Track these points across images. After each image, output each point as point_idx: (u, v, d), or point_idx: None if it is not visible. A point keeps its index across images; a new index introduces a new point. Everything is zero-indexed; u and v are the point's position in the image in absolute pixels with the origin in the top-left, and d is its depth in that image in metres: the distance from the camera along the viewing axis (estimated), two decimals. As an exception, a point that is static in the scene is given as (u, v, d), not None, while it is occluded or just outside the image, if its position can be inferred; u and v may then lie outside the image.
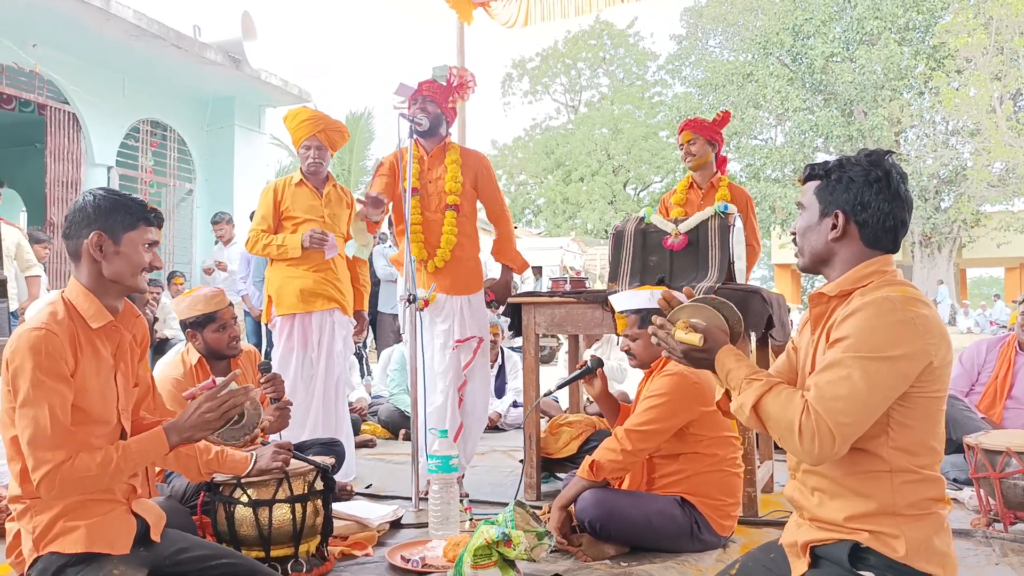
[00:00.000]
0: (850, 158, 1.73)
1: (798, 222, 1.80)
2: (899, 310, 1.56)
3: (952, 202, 23.09)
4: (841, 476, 1.64)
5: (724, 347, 1.75)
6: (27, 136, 10.35)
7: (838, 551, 1.61)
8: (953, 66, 21.35)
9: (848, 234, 1.70)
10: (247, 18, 9.83)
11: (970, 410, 3.89)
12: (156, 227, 1.98)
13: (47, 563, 1.83)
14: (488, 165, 3.74)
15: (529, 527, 2.19)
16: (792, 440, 1.57)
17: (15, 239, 5.94)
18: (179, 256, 10.22)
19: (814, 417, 1.54)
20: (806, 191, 1.78)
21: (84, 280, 1.93)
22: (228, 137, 10.61)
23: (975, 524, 3.02)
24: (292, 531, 2.46)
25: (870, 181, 1.68)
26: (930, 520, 1.61)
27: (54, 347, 1.79)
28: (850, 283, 1.68)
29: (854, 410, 1.54)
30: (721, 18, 27.50)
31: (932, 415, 1.63)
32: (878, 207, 1.68)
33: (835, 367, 1.57)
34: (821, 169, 1.75)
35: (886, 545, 1.58)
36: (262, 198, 3.95)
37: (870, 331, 1.56)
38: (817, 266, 1.77)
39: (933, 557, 1.58)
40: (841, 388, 1.54)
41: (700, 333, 1.75)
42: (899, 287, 1.62)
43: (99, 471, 1.79)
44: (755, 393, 1.64)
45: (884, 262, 1.69)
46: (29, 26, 7.91)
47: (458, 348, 3.60)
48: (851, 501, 1.62)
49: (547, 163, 33.15)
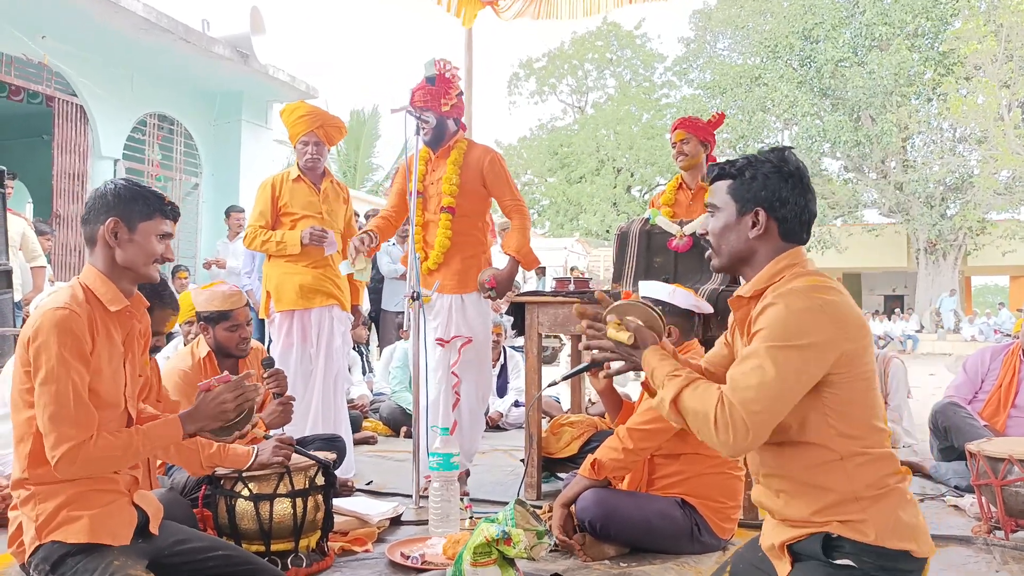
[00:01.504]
0: (757, 156, 1.75)
1: (711, 223, 1.79)
2: (808, 299, 1.60)
3: (958, 209, 23.01)
4: (797, 473, 1.66)
5: (652, 347, 1.78)
6: (35, 128, 10.38)
7: (812, 545, 1.63)
8: (962, 73, 21.29)
9: (768, 230, 1.72)
10: (256, 13, 9.85)
11: (972, 417, 3.89)
12: (172, 220, 2.01)
13: (48, 552, 1.84)
14: (495, 160, 3.66)
15: (529, 526, 2.19)
16: (709, 431, 1.59)
17: (20, 229, 5.95)
18: (184, 250, 10.23)
19: (728, 408, 1.57)
20: (716, 191, 1.78)
21: (99, 266, 1.97)
22: (235, 132, 10.63)
23: (976, 531, 3.02)
24: (292, 526, 2.46)
25: (784, 176, 1.71)
26: (892, 496, 1.63)
27: (78, 326, 1.83)
28: (764, 281, 1.70)
29: (766, 399, 1.56)
30: (730, 21, 27.43)
31: (865, 396, 1.64)
32: (795, 202, 1.71)
33: (749, 359, 1.60)
34: (732, 168, 1.76)
35: (856, 531, 1.60)
36: (259, 194, 3.94)
37: (781, 322, 1.59)
38: (736, 265, 1.78)
39: (903, 532, 1.60)
40: (752, 378, 1.57)
41: (631, 332, 1.78)
42: (810, 277, 1.65)
43: (120, 452, 1.84)
44: (675, 388, 1.66)
45: (796, 255, 1.72)
46: (38, 18, 7.93)
47: (446, 347, 3.59)
48: (813, 496, 1.64)
49: (552, 163, 33.15)
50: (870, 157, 23.95)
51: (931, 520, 3.25)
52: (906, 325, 23.26)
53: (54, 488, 1.85)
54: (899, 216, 24.45)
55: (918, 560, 1.61)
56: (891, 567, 1.59)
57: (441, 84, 3.57)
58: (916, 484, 3.90)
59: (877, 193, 24.96)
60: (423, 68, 3.60)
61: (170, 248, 2.03)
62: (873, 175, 24.98)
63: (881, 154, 23.62)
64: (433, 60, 3.60)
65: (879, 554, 1.58)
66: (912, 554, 1.60)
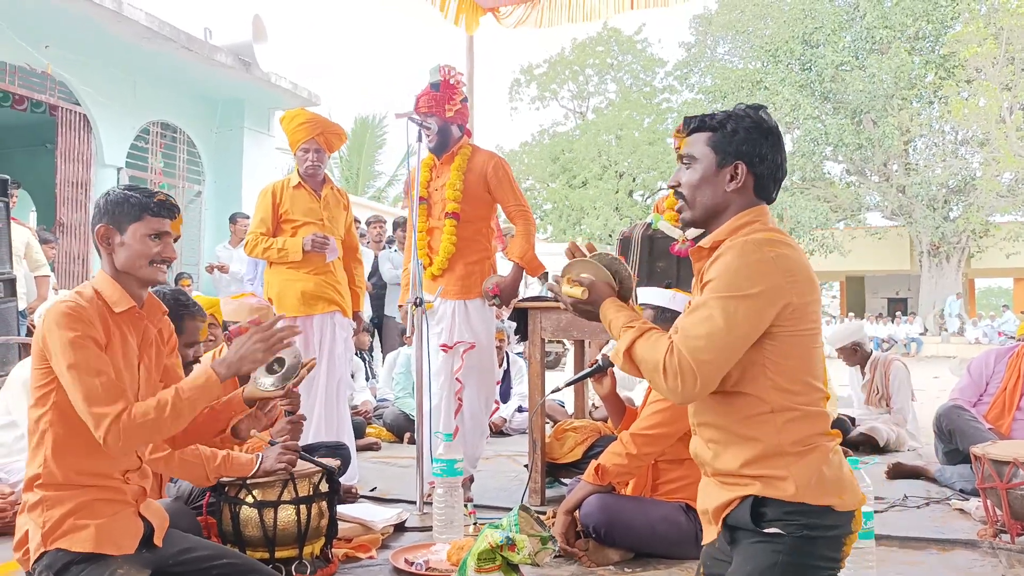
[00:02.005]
0: (735, 112, 1.75)
1: (685, 175, 1.78)
2: (759, 251, 1.61)
3: (961, 212, 23.01)
4: (729, 424, 1.68)
5: (607, 300, 1.80)
6: (38, 136, 10.41)
7: (742, 513, 1.64)
8: (963, 76, 21.32)
9: (744, 185, 1.73)
10: (258, 21, 9.88)
11: (977, 420, 3.87)
12: (165, 218, 2.00)
13: (53, 559, 1.84)
14: (500, 165, 3.67)
15: (533, 531, 2.19)
16: (658, 379, 1.61)
17: (24, 239, 5.96)
18: (187, 258, 10.25)
19: (677, 356, 1.58)
20: (694, 142, 1.77)
21: (107, 270, 2.01)
22: (237, 139, 10.65)
23: (982, 535, 3.00)
24: (297, 532, 2.46)
25: (764, 133, 1.72)
26: (816, 453, 1.64)
27: (84, 315, 1.86)
28: (725, 233, 1.71)
29: (714, 348, 1.58)
30: (731, 26, 27.48)
31: (805, 353, 1.65)
32: (772, 159, 1.73)
33: (699, 309, 1.62)
34: (712, 120, 1.75)
35: (777, 488, 1.61)
36: (260, 201, 3.95)
37: (732, 272, 1.61)
38: (709, 219, 1.78)
39: (826, 487, 1.61)
40: (702, 328, 1.59)
41: (585, 287, 1.81)
42: (768, 232, 1.66)
43: (157, 414, 1.83)
44: (629, 338, 1.69)
45: (760, 212, 1.73)
46: (42, 27, 7.96)
47: (449, 352, 3.60)
48: (742, 447, 1.65)
49: (553, 168, 33.16)
50: (872, 160, 23.96)
51: (936, 524, 3.24)
52: (910, 328, 23.22)
53: (62, 495, 1.86)
54: (902, 219, 24.46)
55: (843, 514, 1.62)
56: (816, 524, 1.59)
57: (446, 90, 3.59)
58: (921, 488, 3.89)
59: (880, 196, 24.97)
60: (428, 74, 3.63)
61: (170, 247, 2.01)
62: (875, 178, 24.98)
63: (883, 157, 23.63)
64: (438, 67, 3.62)
65: (802, 512, 1.59)
66: (834, 508, 1.61)
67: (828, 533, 1.61)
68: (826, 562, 1.62)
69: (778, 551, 1.59)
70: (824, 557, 1.61)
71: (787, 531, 1.59)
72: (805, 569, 1.60)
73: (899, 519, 3.31)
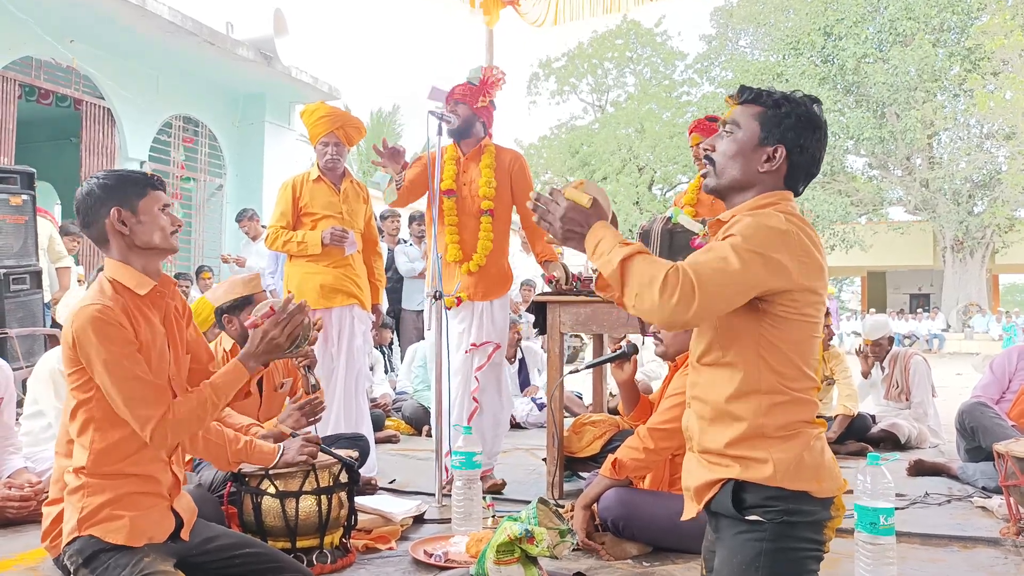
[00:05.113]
0: (793, 96, 1.72)
1: (723, 143, 1.74)
2: (782, 221, 1.61)
3: (985, 207, 22.67)
4: (719, 400, 1.67)
5: (603, 219, 1.72)
6: (63, 130, 10.55)
7: (724, 499, 1.64)
8: (989, 68, 20.95)
9: (778, 170, 1.71)
10: (279, 15, 9.94)
11: (1000, 418, 3.84)
12: (160, 190, 2.05)
13: (84, 545, 1.88)
14: (523, 164, 3.77)
15: (552, 524, 2.20)
16: (651, 291, 1.53)
17: (47, 231, 6.05)
18: (208, 251, 10.35)
19: (682, 274, 1.54)
20: (744, 112, 1.73)
21: (117, 256, 2.00)
22: (258, 133, 10.74)
23: (1004, 533, 2.98)
24: (318, 522, 2.49)
25: (814, 126, 1.71)
26: (798, 440, 1.63)
27: (112, 316, 1.88)
28: (746, 209, 1.69)
29: (722, 283, 1.54)
30: (751, 18, 27.21)
31: (803, 340, 1.64)
32: (812, 153, 1.72)
33: (715, 249, 1.60)
34: (770, 98, 1.72)
35: (755, 471, 1.61)
36: (280, 194, 3.98)
37: (753, 229, 1.59)
38: (732, 192, 1.74)
39: (803, 473, 1.61)
40: (715, 263, 1.56)
41: (591, 196, 1.71)
42: (790, 214, 1.65)
43: (200, 410, 1.94)
44: (627, 251, 1.61)
45: (785, 196, 1.72)
46: (67, 22, 8.06)
47: (472, 352, 3.62)
48: (727, 426, 1.65)
49: (572, 163, 33.06)
50: (895, 154, 23.66)
51: (958, 521, 3.22)
52: (932, 324, 22.96)
53: (104, 484, 1.90)
54: (925, 213, 24.14)
55: (821, 500, 1.62)
56: (794, 510, 1.60)
57: (482, 85, 3.69)
58: (943, 485, 3.86)
59: (902, 190, 24.66)
60: (468, 73, 3.75)
61: (175, 216, 2.06)
62: (898, 172, 24.67)
63: (906, 151, 23.32)
64: (481, 67, 3.75)
65: (780, 498, 1.59)
66: (812, 494, 1.60)
67: (808, 519, 1.61)
68: (809, 544, 1.62)
69: (760, 540, 1.60)
70: (807, 539, 1.62)
71: (767, 518, 1.60)
72: (788, 553, 1.60)
73: (920, 516, 3.29)
